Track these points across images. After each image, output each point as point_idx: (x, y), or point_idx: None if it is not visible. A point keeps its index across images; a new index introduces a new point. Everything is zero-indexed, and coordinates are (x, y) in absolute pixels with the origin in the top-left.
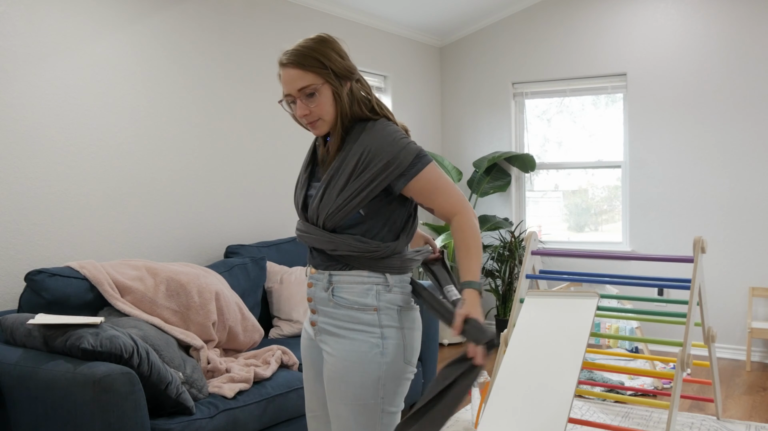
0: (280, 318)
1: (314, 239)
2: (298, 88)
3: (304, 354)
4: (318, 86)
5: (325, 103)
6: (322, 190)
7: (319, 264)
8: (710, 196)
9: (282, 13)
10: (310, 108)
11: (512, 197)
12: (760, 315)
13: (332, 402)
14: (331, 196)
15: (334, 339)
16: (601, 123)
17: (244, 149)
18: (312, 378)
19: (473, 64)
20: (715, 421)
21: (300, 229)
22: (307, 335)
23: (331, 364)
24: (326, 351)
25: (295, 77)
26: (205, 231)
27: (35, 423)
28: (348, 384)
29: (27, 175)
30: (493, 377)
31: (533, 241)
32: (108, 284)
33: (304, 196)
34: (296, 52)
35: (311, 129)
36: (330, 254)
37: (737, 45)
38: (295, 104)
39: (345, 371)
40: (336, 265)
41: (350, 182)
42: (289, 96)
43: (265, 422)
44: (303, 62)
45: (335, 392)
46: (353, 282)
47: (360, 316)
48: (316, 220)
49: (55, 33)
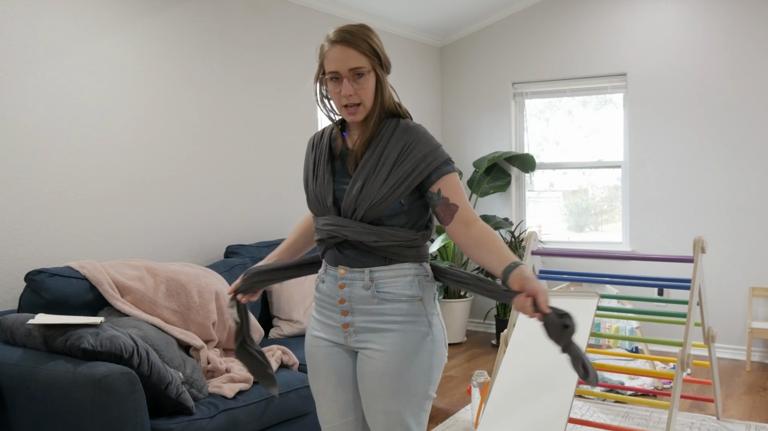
0: (280, 318)
1: (353, 232)
2: (350, 67)
3: (319, 362)
4: (367, 70)
5: (369, 88)
6: (361, 181)
7: (354, 262)
8: (710, 196)
9: (282, 13)
10: (356, 89)
11: (512, 197)
12: (760, 315)
13: (378, 398)
14: (373, 187)
15: (380, 335)
16: (600, 123)
17: (244, 149)
18: (332, 387)
19: (473, 64)
20: (715, 421)
21: (332, 224)
22: (327, 342)
23: (380, 360)
24: (370, 349)
25: (350, 56)
26: (205, 231)
27: (35, 423)
28: (401, 377)
29: (27, 175)
30: (493, 377)
31: (533, 241)
32: (108, 284)
33: (332, 189)
34: (352, 33)
35: (347, 114)
36: (369, 249)
37: (737, 45)
38: (339, 83)
39: (399, 363)
40: (375, 261)
41: (393, 172)
42: (336, 74)
43: (265, 422)
44: (358, 43)
45: (384, 388)
46: (396, 275)
47: (408, 307)
48: (352, 213)
49: (55, 33)
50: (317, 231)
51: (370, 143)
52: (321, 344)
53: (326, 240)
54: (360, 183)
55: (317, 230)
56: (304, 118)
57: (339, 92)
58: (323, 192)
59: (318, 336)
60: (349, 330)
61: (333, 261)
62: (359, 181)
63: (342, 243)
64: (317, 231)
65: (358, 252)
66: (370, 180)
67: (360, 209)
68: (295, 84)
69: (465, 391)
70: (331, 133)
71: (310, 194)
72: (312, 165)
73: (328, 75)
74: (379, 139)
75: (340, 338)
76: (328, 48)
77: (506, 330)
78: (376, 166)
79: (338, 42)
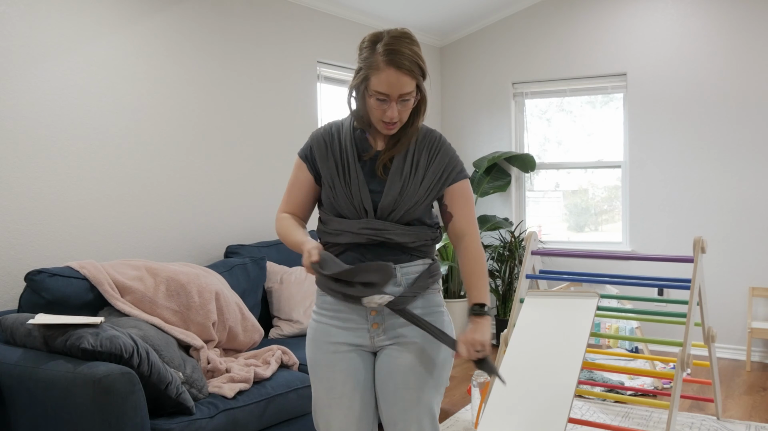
0: (280, 318)
1: (395, 234)
2: (401, 92)
3: (337, 368)
4: (414, 94)
5: (410, 107)
6: (399, 184)
7: (383, 261)
8: (710, 196)
9: (282, 13)
10: (400, 111)
11: (512, 197)
12: (760, 315)
13: (411, 390)
14: (412, 190)
15: (411, 328)
16: (601, 123)
17: (244, 149)
18: (350, 392)
19: (473, 64)
20: (715, 421)
21: (372, 227)
22: (347, 346)
23: (412, 352)
24: (400, 343)
25: (403, 83)
26: (205, 231)
27: (35, 423)
28: (434, 366)
29: (27, 175)
30: (493, 377)
31: (533, 241)
32: (108, 284)
33: (368, 192)
34: (405, 56)
35: (384, 128)
36: (403, 249)
37: (737, 45)
38: (385, 104)
39: (431, 353)
40: (402, 258)
41: (426, 175)
42: (385, 96)
43: (265, 422)
44: (412, 69)
45: (417, 378)
46: (421, 269)
47: (434, 298)
48: (388, 215)
49: (55, 33)
50: (345, 234)
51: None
52: (341, 349)
53: (353, 244)
54: (398, 185)
55: (345, 233)
56: (305, 118)
57: (383, 111)
58: (359, 195)
59: (336, 342)
60: (377, 329)
61: (358, 263)
62: (397, 184)
63: (367, 245)
64: (345, 234)
65: (390, 253)
66: (408, 182)
67: (398, 211)
68: (295, 84)
69: (465, 391)
70: (353, 132)
71: (339, 196)
72: (337, 166)
73: (376, 95)
74: (406, 144)
75: (364, 339)
76: (381, 68)
77: (506, 330)
78: (410, 168)
79: (392, 66)
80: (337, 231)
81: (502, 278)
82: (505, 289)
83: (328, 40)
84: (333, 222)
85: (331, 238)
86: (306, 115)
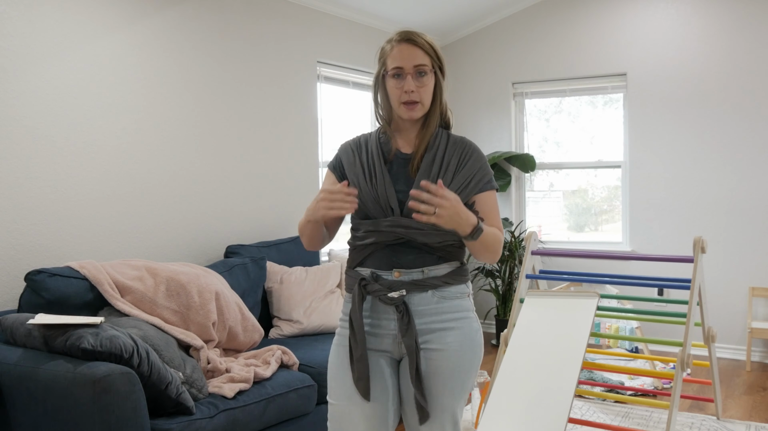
0: (280, 318)
1: (422, 233)
2: (415, 63)
3: (377, 377)
4: (429, 69)
5: (429, 88)
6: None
7: (411, 263)
8: (710, 196)
9: (282, 13)
10: (417, 87)
11: (512, 197)
12: (760, 315)
13: (437, 398)
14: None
15: (440, 334)
16: (601, 123)
17: (244, 149)
18: (377, 395)
19: (473, 64)
20: (715, 421)
21: (399, 225)
22: (372, 352)
23: (440, 359)
24: (428, 349)
25: (415, 54)
26: (205, 231)
27: (35, 423)
28: (462, 372)
29: (27, 175)
30: (493, 377)
31: (533, 241)
32: (108, 284)
33: (395, 191)
34: (418, 34)
35: (406, 110)
36: (429, 250)
37: (737, 45)
38: (402, 79)
39: (459, 361)
40: (430, 261)
41: (455, 178)
42: (399, 69)
43: (265, 422)
44: (423, 44)
45: (444, 385)
46: (449, 274)
47: (462, 304)
48: (414, 213)
49: (55, 33)
50: (372, 234)
51: (427, 149)
52: (378, 355)
53: (381, 243)
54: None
55: (372, 233)
56: (305, 117)
57: (401, 87)
58: (385, 194)
59: (379, 349)
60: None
61: (386, 265)
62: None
63: (394, 246)
64: (372, 233)
65: (416, 253)
66: (435, 182)
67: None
68: (295, 84)
69: None
70: (379, 138)
71: (366, 196)
72: (363, 169)
73: (391, 71)
74: (435, 147)
75: (389, 345)
76: (393, 46)
77: (506, 330)
78: (439, 170)
79: (403, 41)
80: (365, 234)
81: (502, 278)
82: (505, 289)
83: (328, 40)
84: (362, 225)
85: (359, 242)
86: (306, 115)
